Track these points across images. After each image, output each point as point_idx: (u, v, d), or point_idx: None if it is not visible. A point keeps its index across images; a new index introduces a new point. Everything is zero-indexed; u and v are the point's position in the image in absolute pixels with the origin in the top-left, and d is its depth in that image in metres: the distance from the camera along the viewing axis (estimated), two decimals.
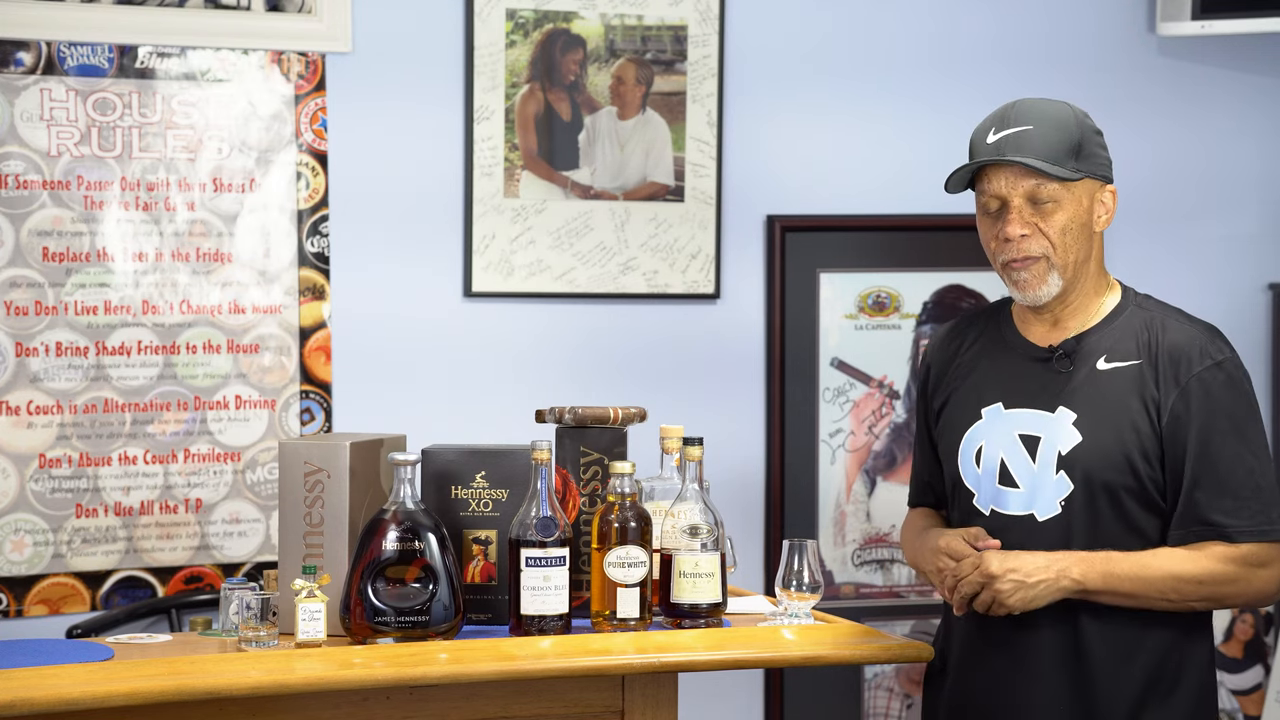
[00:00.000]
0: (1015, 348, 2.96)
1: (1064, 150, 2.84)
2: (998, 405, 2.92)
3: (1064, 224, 2.84)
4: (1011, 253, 2.86)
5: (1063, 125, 2.86)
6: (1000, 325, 3.01)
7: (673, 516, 3.02)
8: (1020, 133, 2.85)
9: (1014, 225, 2.84)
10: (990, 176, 2.87)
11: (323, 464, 2.97)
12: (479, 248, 4.16)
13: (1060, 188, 2.84)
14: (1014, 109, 2.89)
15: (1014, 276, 2.88)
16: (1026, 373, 2.91)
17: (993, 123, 2.90)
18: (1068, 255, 2.85)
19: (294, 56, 4.04)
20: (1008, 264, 2.87)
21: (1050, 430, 2.85)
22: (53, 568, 3.92)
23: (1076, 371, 2.87)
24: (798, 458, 4.37)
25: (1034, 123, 2.85)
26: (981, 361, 2.99)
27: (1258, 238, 4.63)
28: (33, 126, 3.88)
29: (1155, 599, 2.78)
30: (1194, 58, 4.57)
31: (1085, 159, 2.86)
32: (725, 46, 4.29)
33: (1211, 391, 2.81)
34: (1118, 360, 2.86)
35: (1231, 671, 4.63)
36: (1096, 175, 2.88)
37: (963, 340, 3.05)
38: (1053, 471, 2.84)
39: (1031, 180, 2.83)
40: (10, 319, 3.88)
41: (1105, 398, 2.84)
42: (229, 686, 2.67)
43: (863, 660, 3.01)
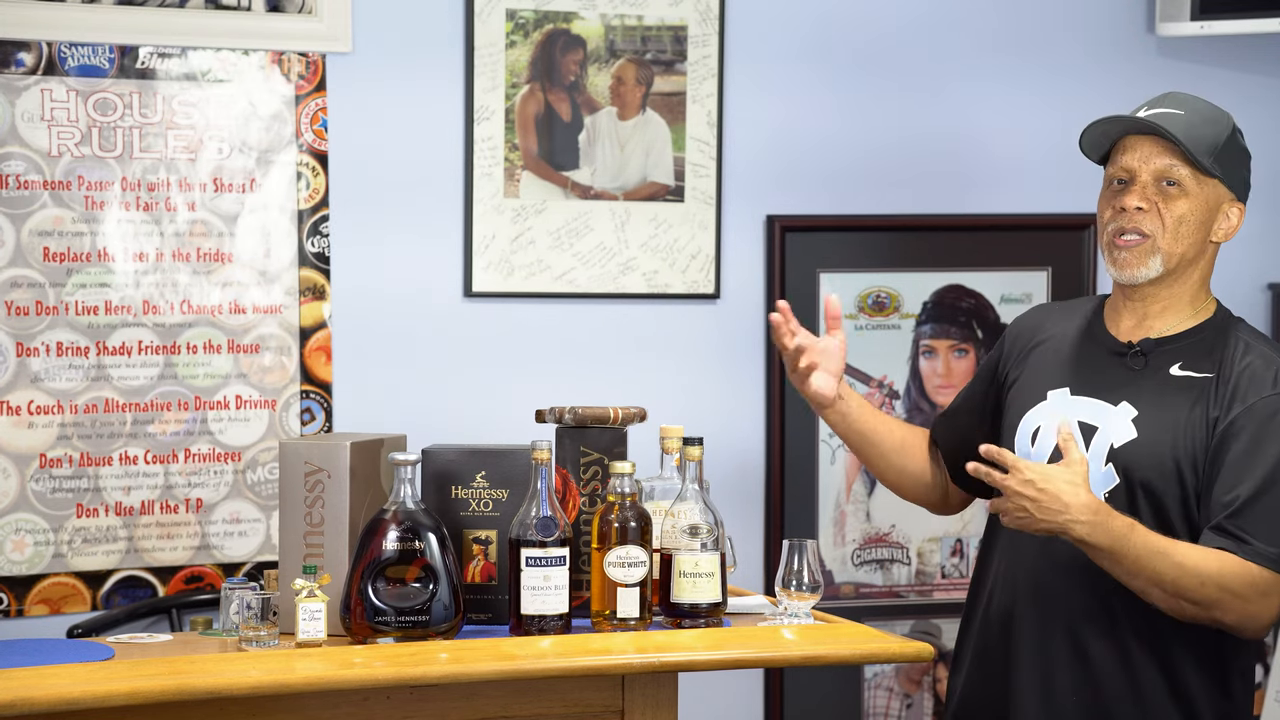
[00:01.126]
0: (1096, 338, 2.95)
1: (1207, 145, 2.84)
2: (1064, 390, 2.91)
3: (1182, 213, 2.83)
4: (1123, 221, 2.84)
5: (1214, 122, 2.87)
6: (1088, 314, 3.00)
7: (673, 516, 3.02)
8: (1173, 114, 2.85)
9: (1134, 196, 2.84)
10: (1127, 148, 2.87)
11: (323, 464, 2.97)
12: (479, 248, 4.16)
13: (1190, 177, 2.83)
14: (1171, 95, 2.91)
15: (1116, 254, 2.86)
16: (1099, 363, 2.90)
17: (1147, 102, 2.90)
18: (1176, 245, 2.83)
19: (294, 56, 4.05)
20: (1115, 235, 2.85)
21: (1108, 422, 2.84)
22: (53, 567, 3.92)
23: (1148, 371, 2.86)
24: (798, 458, 4.37)
25: (1187, 110, 2.86)
26: (1061, 345, 2.97)
27: (1258, 238, 4.63)
28: (33, 127, 3.88)
29: (1150, 583, 2.72)
30: (1194, 58, 4.57)
31: (1224, 163, 2.85)
32: (725, 46, 4.29)
33: (1270, 417, 2.78)
34: (1191, 370, 2.84)
35: None
36: (1230, 184, 2.88)
37: (1050, 321, 3.04)
38: (1102, 463, 2.83)
39: (1165, 160, 2.83)
40: (11, 319, 3.88)
41: (1169, 403, 2.82)
42: (229, 686, 2.67)
43: (863, 660, 3.01)
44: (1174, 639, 2.82)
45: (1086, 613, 2.84)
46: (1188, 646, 2.82)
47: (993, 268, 4.42)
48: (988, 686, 2.95)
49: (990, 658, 2.96)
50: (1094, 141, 2.92)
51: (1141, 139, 2.86)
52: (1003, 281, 4.42)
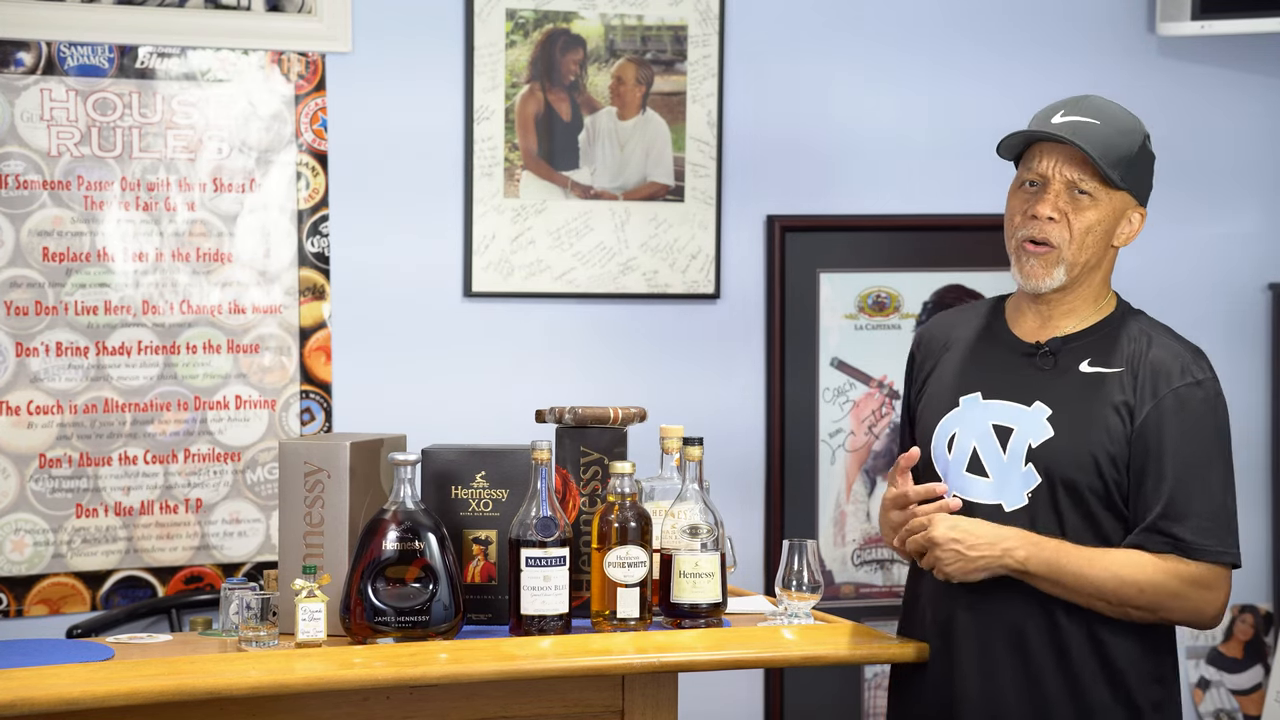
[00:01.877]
0: (1002, 341, 2.98)
1: (1119, 156, 2.86)
2: (976, 395, 2.94)
3: (1090, 223, 2.86)
4: (1034, 230, 2.87)
5: (1128, 133, 2.88)
6: (992, 319, 3.03)
7: (673, 516, 3.02)
8: (1086, 123, 2.86)
9: (1046, 205, 2.86)
10: (1041, 154, 2.89)
11: (323, 464, 2.97)
12: (479, 248, 4.16)
13: (1101, 188, 2.86)
14: (1088, 100, 2.92)
15: (1024, 262, 2.89)
16: (1009, 366, 2.94)
17: (1062, 105, 2.92)
18: (1081, 255, 2.87)
19: (294, 56, 4.04)
20: (1024, 242, 2.89)
21: (1024, 423, 2.87)
22: (53, 568, 3.92)
23: (1058, 370, 2.90)
24: (798, 458, 4.37)
25: (1103, 120, 2.87)
26: (967, 351, 3.01)
27: (1258, 238, 4.63)
28: (33, 126, 3.88)
29: (1093, 597, 2.80)
30: (1194, 58, 4.58)
31: (1134, 174, 2.88)
32: (725, 46, 4.29)
33: (1187, 408, 2.83)
34: (1101, 366, 2.88)
35: (1231, 671, 4.63)
36: (1136, 193, 2.90)
37: (954, 328, 3.07)
38: (1021, 463, 2.86)
39: (1078, 170, 2.85)
40: (10, 319, 3.88)
41: (1082, 399, 2.86)
42: (229, 686, 2.67)
43: (863, 660, 3.01)
44: (1110, 635, 2.85)
45: (1027, 614, 2.86)
46: (1123, 639, 2.85)
47: (993, 268, 4.42)
48: (935, 693, 2.95)
49: (932, 668, 2.96)
50: (1009, 144, 2.94)
51: (1055, 146, 2.88)
52: (1003, 281, 4.41)
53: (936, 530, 2.83)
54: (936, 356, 3.05)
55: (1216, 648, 4.62)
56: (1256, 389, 4.60)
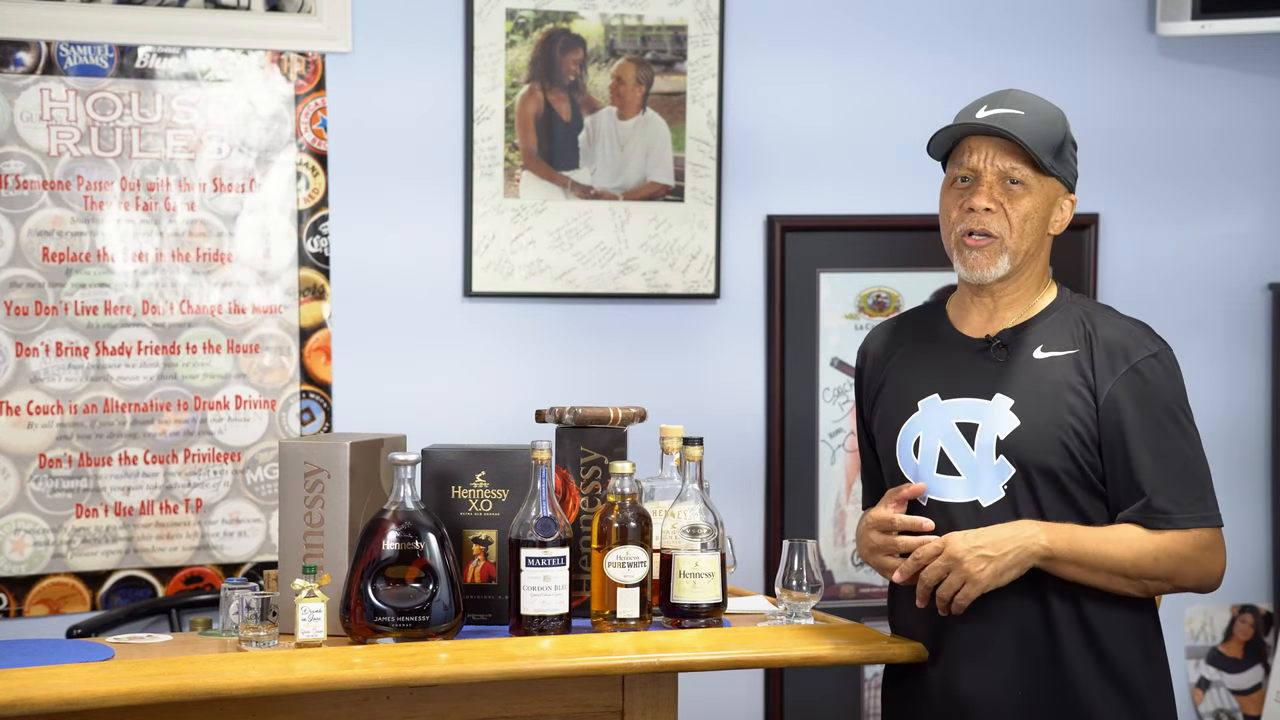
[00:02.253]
0: (950, 341, 2.98)
1: (1047, 145, 2.89)
2: (934, 396, 2.94)
3: (1027, 211, 2.88)
4: (972, 223, 2.89)
5: (1052, 122, 2.91)
6: (934, 322, 3.04)
7: (673, 516, 3.02)
8: (1011, 114, 2.89)
9: (982, 197, 2.88)
10: (970, 149, 2.91)
11: (323, 464, 2.97)
12: (479, 248, 4.16)
13: (1033, 177, 2.88)
14: (1009, 94, 2.95)
15: (966, 255, 2.91)
16: (962, 363, 2.94)
17: (985, 101, 2.95)
18: (1022, 243, 2.89)
19: (294, 56, 4.04)
20: (964, 236, 2.90)
21: (988, 417, 2.87)
22: (53, 568, 3.92)
23: (1013, 360, 2.90)
24: (798, 458, 4.37)
25: (1027, 110, 2.90)
26: (916, 356, 3.01)
27: (1258, 238, 4.63)
28: (33, 126, 3.88)
29: (1114, 573, 2.81)
30: (1194, 58, 4.58)
31: (1061, 162, 2.92)
32: (725, 46, 4.29)
33: (1149, 381, 2.85)
34: (1054, 350, 2.90)
35: (1231, 671, 4.63)
36: (1064, 181, 2.93)
37: (895, 340, 3.07)
38: (992, 456, 2.86)
39: (1009, 161, 2.87)
40: (10, 319, 3.88)
41: (1042, 384, 2.87)
42: (229, 686, 2.67)
43: (863, 660, 3.01)
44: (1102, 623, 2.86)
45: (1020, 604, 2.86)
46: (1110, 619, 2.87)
47: None
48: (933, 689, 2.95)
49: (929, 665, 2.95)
50: (938, 142, 2.96)
51: (984, 139, 2.90)
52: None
53: (955, 547, 2.81)
54: (883, 368, 3.05)
55: (1216, 648, 4.62)
56: (1256, 389, 4.60)
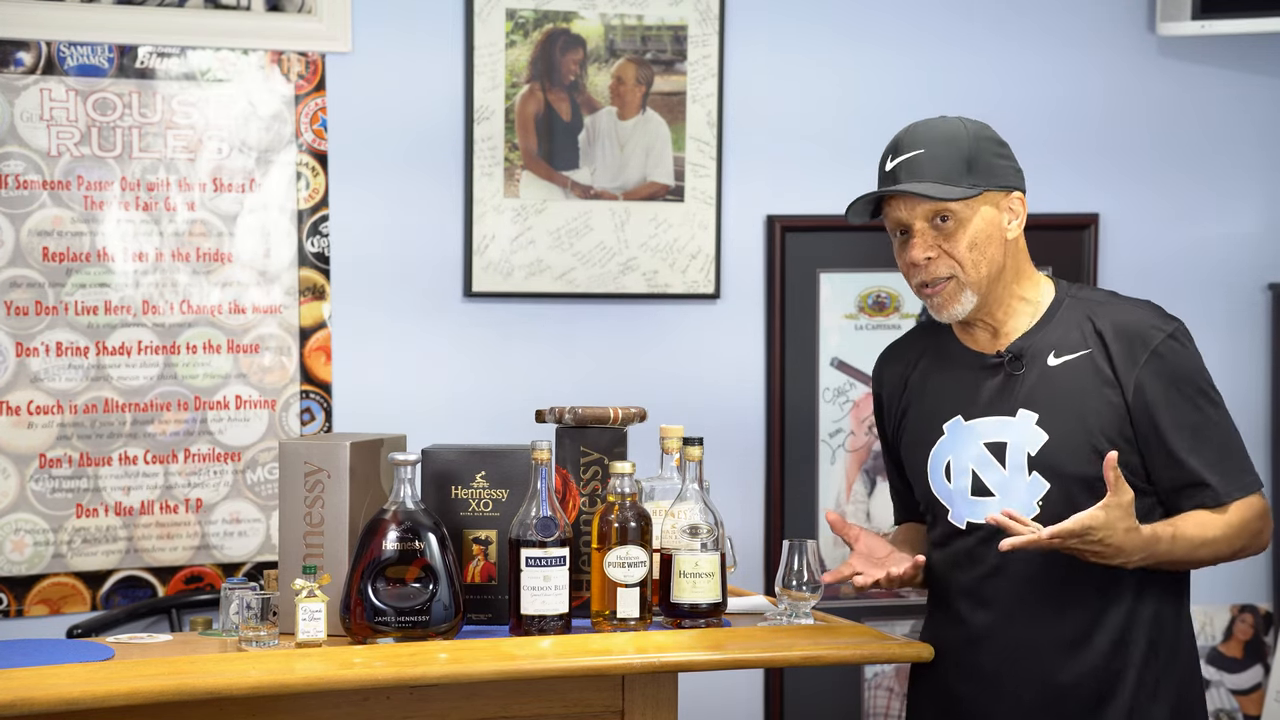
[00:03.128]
0: (963, 360, 2.96)
1: (956, 169, 2.84)
2: (957, 418, 2.92)
3: (969, 241, 2.84)
4: (921, 275, 2.87)
5: (953, 143, 2.86)
6: (943, 341, 3.01)
7: (673, 516, 3.02)
8: (912, 158, 2.86)
9: (917, 249, 2.86)
10: (891, 205, 2.89)
11: (323, 464, 2.97)
12: (479, 248, 4.16)
13: (959, 206, 2.84)
14: (906, 134, 2.91)
15: (929, 301, 2.90)
16: (980, 382, 2.91)
17: (889, 150, 2.92)
18: (978, 271, 2.86)
19: (294, 56, 4.04)
20: (919, 287, 2.90)
21: (1015, 434, 2.85)
22: (53, 568, 3.92)
23: (1028, 372, 2.88)
24: (798, 458, 4.37)
25: (925, 145, 2.86)
26: (931, 378, 2.99)
27: (1258, 238, 4.63)
28: (33, 126, 3.88)
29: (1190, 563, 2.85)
30: (1194, 58, 4.58)
31: (981, 173, 2.85)
32: (725, 46, 4.29)
33: (1171, 361, 2.84)
34: (1067, 354, 2.87)
35: (1231, 671, 4.63)
36: (997, 186, 2.87)
37: (906, 363, 3.05)
38: (1025, 474, 2.84)
39: (928, 204, 2.84)
40: (10, 319, 3.88)
41: (1062, 392, 2.85)
42: (229, 686, 2.67)
43: (863, 660, 3.01)
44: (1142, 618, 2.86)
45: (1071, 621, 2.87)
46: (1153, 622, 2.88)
47: None
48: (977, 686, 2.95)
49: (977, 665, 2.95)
50: (857, 211, 2.94)
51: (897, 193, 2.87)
52: None
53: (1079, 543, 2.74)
54: (902, 394, 3.03)
55: (1216, 647, 4.62)
56: (1256, 389, 4.60)
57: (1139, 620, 2.85)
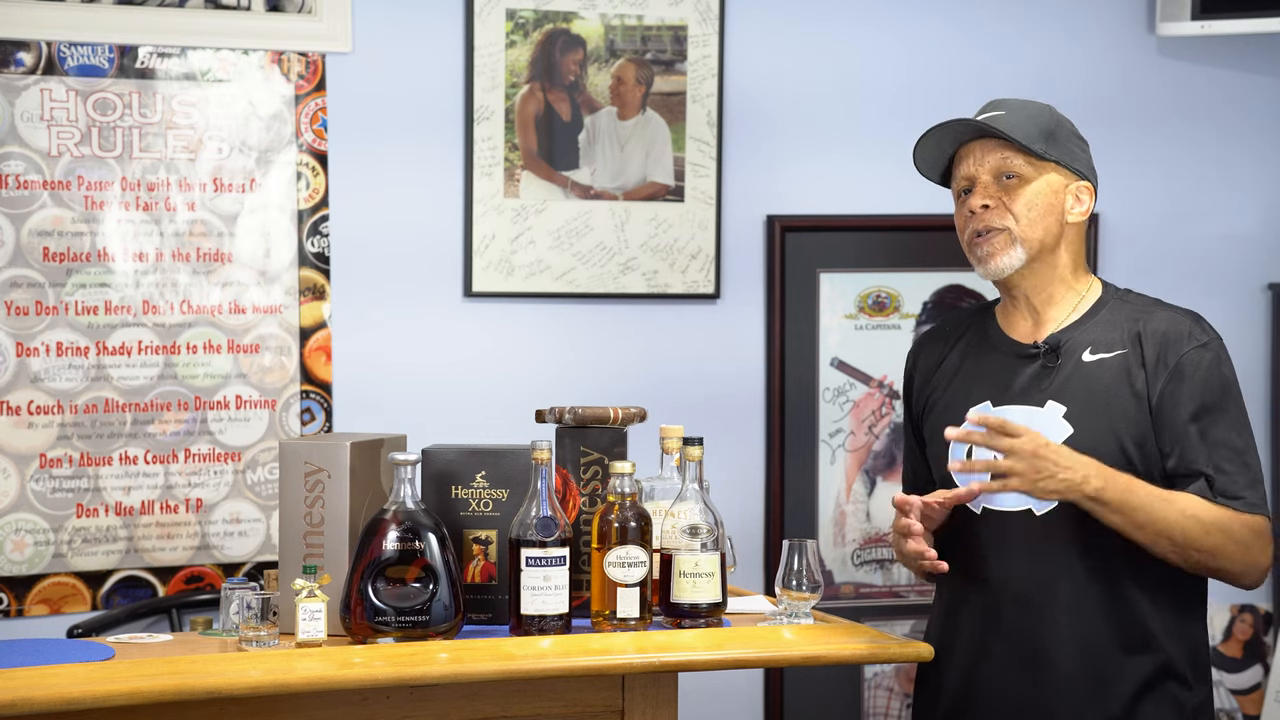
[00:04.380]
0: (1000, 347, 2.97)
1: (1034, 133, 2.90)
2: (986, 404, 2.92)
3: (1029, 199, 2.89)
4: (976, 224, 2.91)
5: (1035, 114, 2.93)
6: (985, 327, 3.03)
7: (673, 516, 3.02)
8: (993, 116, 2.92)
9: (978, 197, 2.91)
10: (961, 159, 2.94)
11: (323, 464, 2.97)
12: (479, 248, 4.16)
13: (1027, 165, 2.89)
14: (991, 103, 2.97)
15: (977, 252, 2.92)
16: (1014, 370, 2.93)
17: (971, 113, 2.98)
18: (1033, 231, 2.89)
19: (294, 56, 4.05)
20: (972, 238, 2.92)
21: (1041, 425, 2.85)
22: (53, 567, 3.92)
23: (1063, 365, 2.89)
24: (797, 458, 4.37)
25: (1007, 109, 2.93)
26: (967, 363, 3.00)
27: (1258, 238, 4.63)
28: (33, 126, 3.88)
29: (1160, 534, 2.76)
30: (1194, 58, 4.58)
31: (1056, 146, 2.91)
32: (725, 46, 4.29)
33: (1201, 369, 2.84)
34: (1103, 352, 2.88)
35: (1231, 671, 4.63)
36: (1068, 166, 2.92)
37: (946, 343, 3.07)
38: None
39: (998, 155, 2.89)
40: (11, 319, 3.88)
41: (1093, 389, 2.85)
42: (229, 686, 2.67)
43: (863, 660, 3.01)
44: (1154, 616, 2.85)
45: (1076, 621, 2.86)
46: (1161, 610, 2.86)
47: None
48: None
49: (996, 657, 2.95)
50: (929, 161, 2.99)
51: (971, 146, 2.93)
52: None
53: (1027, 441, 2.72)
54: (934, 376, 3.05)
55: (1216, 647, 4.62)
56: (1256, 389, 4.60)
57: (1150, 618, 2.85)
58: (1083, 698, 2.85)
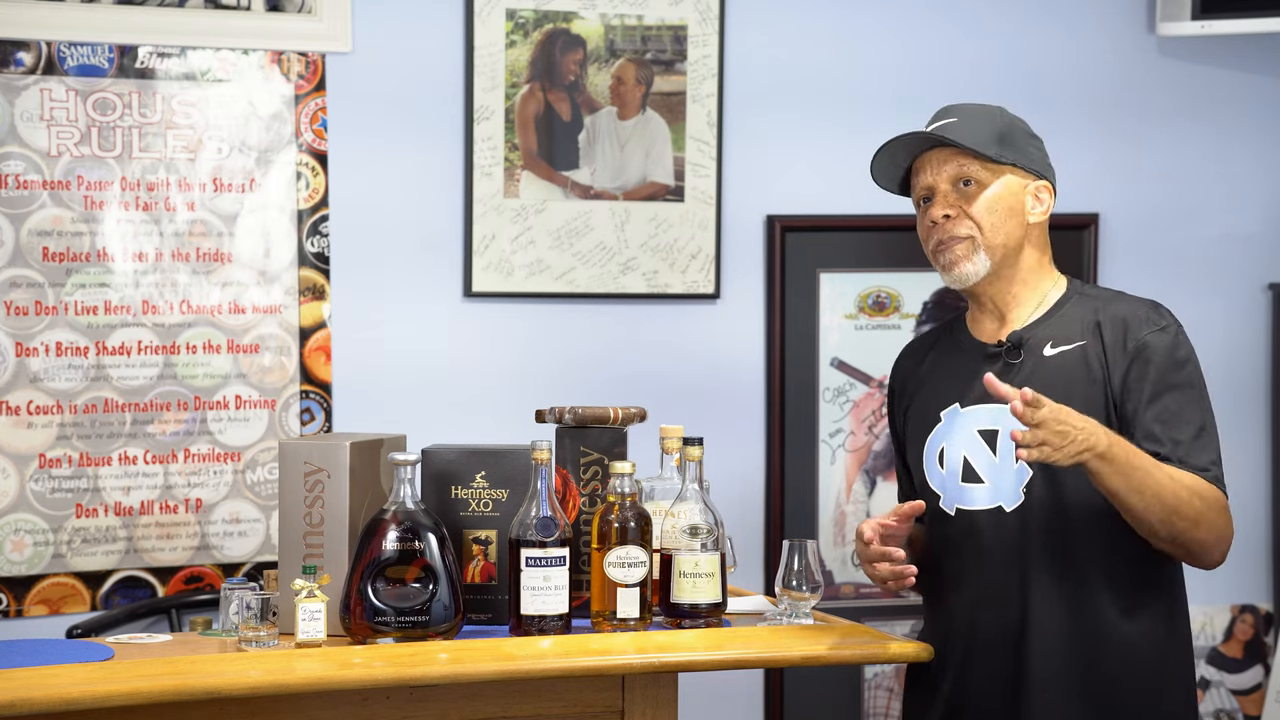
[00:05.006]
0: (967, 349, 3.00)
1: (987, 139, 2.91)
2: (954, 406, 2.94)
3: (989, 204, 2.89)
4: (939, 234, 2.92)
5: (988, 118, 2.94)
6: (954, 333, 3.06)
7: (673, 516, 3.02)
8: (945, 124, 2.93)
9: (938, 207, 2.92)
10: (919, 170, 2.95)
11: (323, 464, 2.97)
12: (479, 248, 4.16)
13: (983, 170, 2.90)
14: (944, 109, 2.98)
15: (941, 260, 2.93)
16: (979, 370, 2.94)
17: (928, 122, 2.99)
18: (995, 237, 2.90)
19: (294, 56, 4.05)
20: (935, 248, 2.93)
21: (1006, 422, 2.86)
22: (53, 568, 3.92)
23: (1025, 362, 2.91)
24: (797, 458, 4.37)
25: (959, 116, 2.94)
26: (938, 368, 3.03)
27: (1258, 238, 4.63)
28: (33, 126, 3.88)
29: (1152, 497, 2.73)
30: (1194, 58, 4.58)
31: (1011, 148, 2.92)
32: (725, 46, 4.29)
33: (1160, 351, 2.84)
34: (1063, 345, 2.90)
35: (1231, 671, 4.63)
36: (1025, 167, 2.93)
37: (920, 355, 3.10)
38: (1013, 461, 2.86)
39: (954, 163, 2.90)
40: (10, 319, 3.88)
41: (1054, 382, 2.86)
42: (229, 686, 2.67)
43: (863, 660, 3.01)
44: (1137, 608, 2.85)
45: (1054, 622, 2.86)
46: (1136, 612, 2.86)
47: None
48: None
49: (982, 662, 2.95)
50: (887, 174, 3.00)
51: (928, 156, 2.93)
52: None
53: (1048, 412, 2.66)
54: (911, 383, 3.07)
55: (1216, 648, 4.62)
56: (1256, 389, 4.60)
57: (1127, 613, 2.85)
58: (1060, 697, 2.85)
